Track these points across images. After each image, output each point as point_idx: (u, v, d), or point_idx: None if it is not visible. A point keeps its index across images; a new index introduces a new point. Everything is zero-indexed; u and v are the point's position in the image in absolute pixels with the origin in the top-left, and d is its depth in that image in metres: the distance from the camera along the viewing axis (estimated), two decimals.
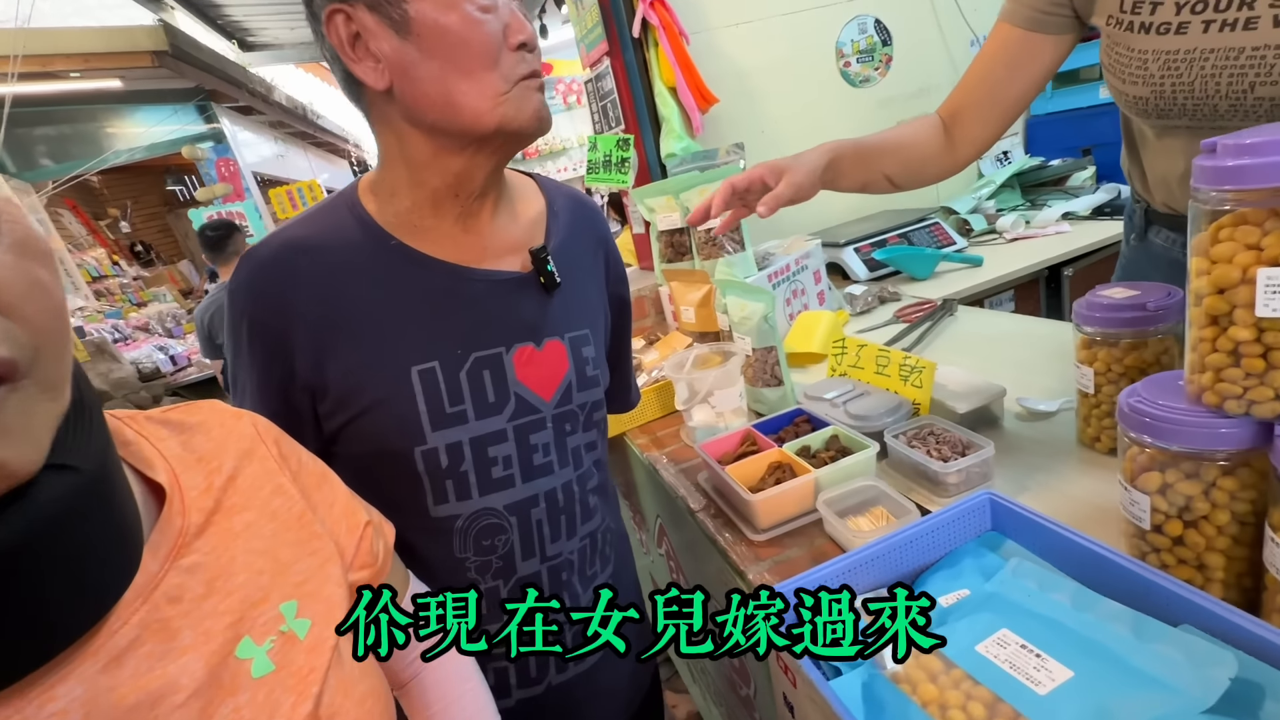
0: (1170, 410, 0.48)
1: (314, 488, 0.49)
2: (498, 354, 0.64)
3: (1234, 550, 0.48)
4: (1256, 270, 0.41)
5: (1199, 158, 0.43)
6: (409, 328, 0.61)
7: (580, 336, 0.70)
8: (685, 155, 1.45)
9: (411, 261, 0.62)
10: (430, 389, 0.61)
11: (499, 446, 0.64)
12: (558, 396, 0.68)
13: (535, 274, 0.66)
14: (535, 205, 0.72)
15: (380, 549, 0.52)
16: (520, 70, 0.57)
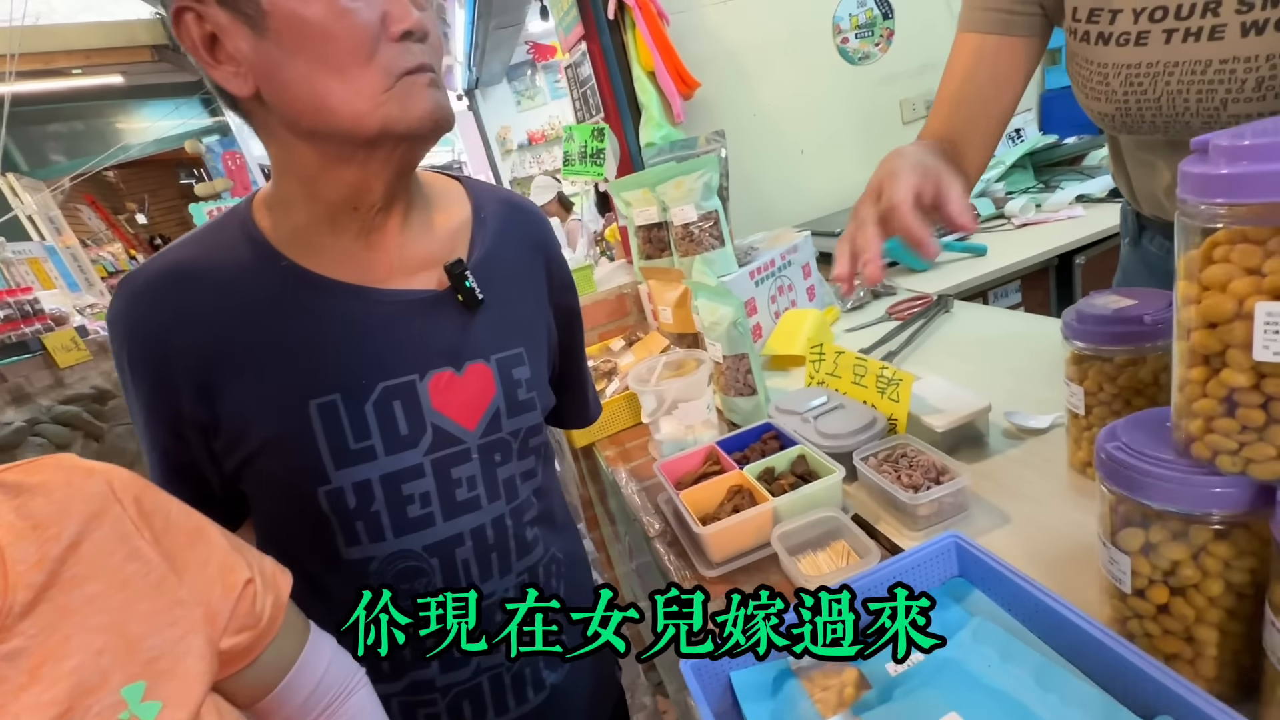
0: (1154, 461, 0.40)
1: (184, 547, 0.44)
2: (409, 382, 0.58)
3: (1229, 624, 0.41)
4: (1255, 303, 0.33)
5: (1185, 162, 0.35)
6: (305, 358, 0.56)
7: (511, 357, 0.64)
8: (664, 145, 1.37)
9: (306, 284, 0.56)
10: (331, 424, 0.56)
11: (415, 483, 0.59)
12: (483, 425, 0.62)
13: (453, 291, 0.60)
14: (458, 213, 0.66)
15: (266, 607, 0.47)
16: (404, 63, 0.50)
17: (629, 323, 1.51)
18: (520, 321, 0.67)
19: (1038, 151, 1.89)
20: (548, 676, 0.70)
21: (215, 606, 0.43)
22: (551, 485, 0.72)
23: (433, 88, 0.52)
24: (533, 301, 0.69)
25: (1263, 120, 0.35)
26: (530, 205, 0.74)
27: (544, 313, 0.71)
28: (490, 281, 0.63)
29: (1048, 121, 2.04)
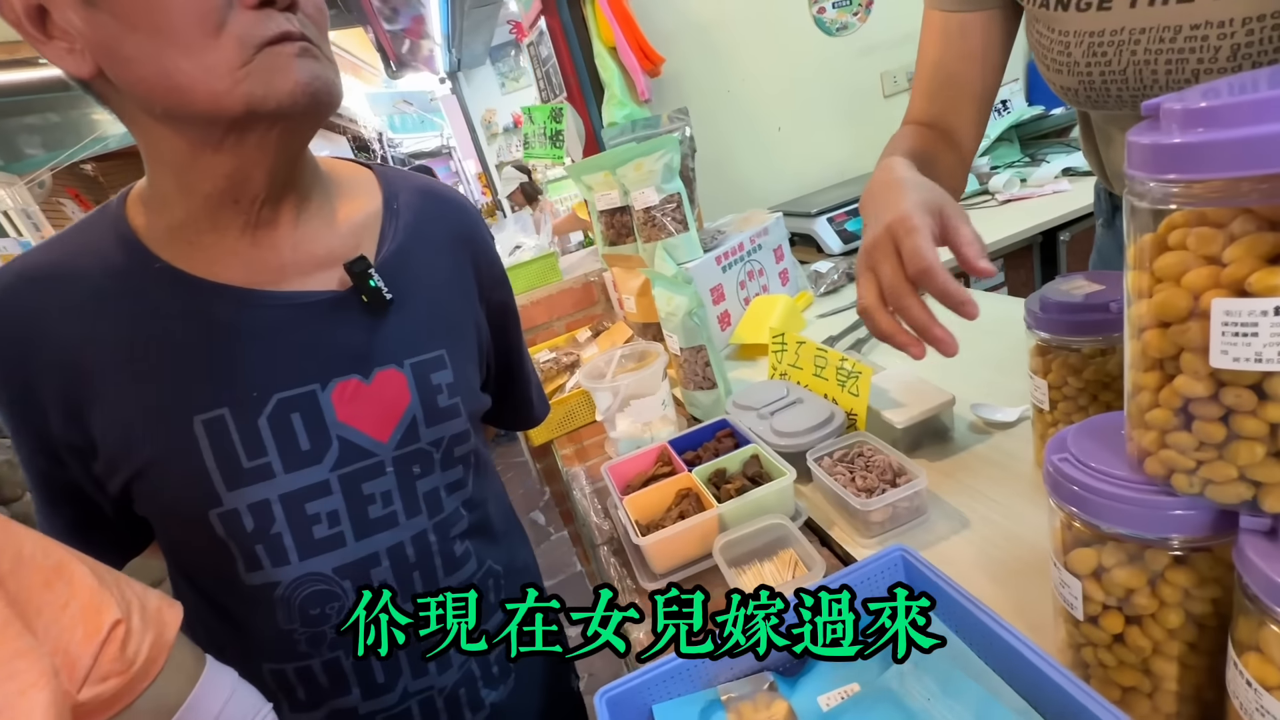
0: (1105, 478, 0.35)
1: (39, 587, 0.39)
2: (310, 393, 0.53)
3: (1190, 658, 0.36)
4: (1212, 299, 0.27)
5: (1134, 130, 0.30)
6: (186, 370, 0.50)
7: (429, 361, 0.59)
8: (626, 124, 1.30)
9: (183, 287, 0.50)
10: (220, 441, 0.51)
11: (321, 501, 0.54)
12: (398, 435, 0.57)
13: (356, 291, 0.55)
14: (366, 205, 0.60)
15: (143, 648, 0.42)
16: (261, 32, 0.43)
17: (596, 312, 1.46)
18: (441, 322, 0.61)
19: (1024, 124, 1.82)
20: (487, 695, 0.65)
21: (74, 653, 0.39)
22: (486, 495, 0.67)
23: (305, 58, 0.45)
24: (457, 299, 0.64)
25: (1225, 78, 0.29)
26: (454, 195, 0.68)
27: (472, 310, 0.66)
28: (403, 279, 0.58)
29: (1034, 92, 1.96)
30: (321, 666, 0.57)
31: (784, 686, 0.47)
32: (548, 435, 1.09)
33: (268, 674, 0.57)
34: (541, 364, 1.23)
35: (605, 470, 0.79)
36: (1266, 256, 0.26)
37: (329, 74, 0.47)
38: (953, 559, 0.58)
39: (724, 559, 0.60)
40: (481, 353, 0.67)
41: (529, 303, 1.41)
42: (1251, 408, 0.28)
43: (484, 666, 0.65)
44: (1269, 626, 0.29)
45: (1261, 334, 0.26)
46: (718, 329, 1.23)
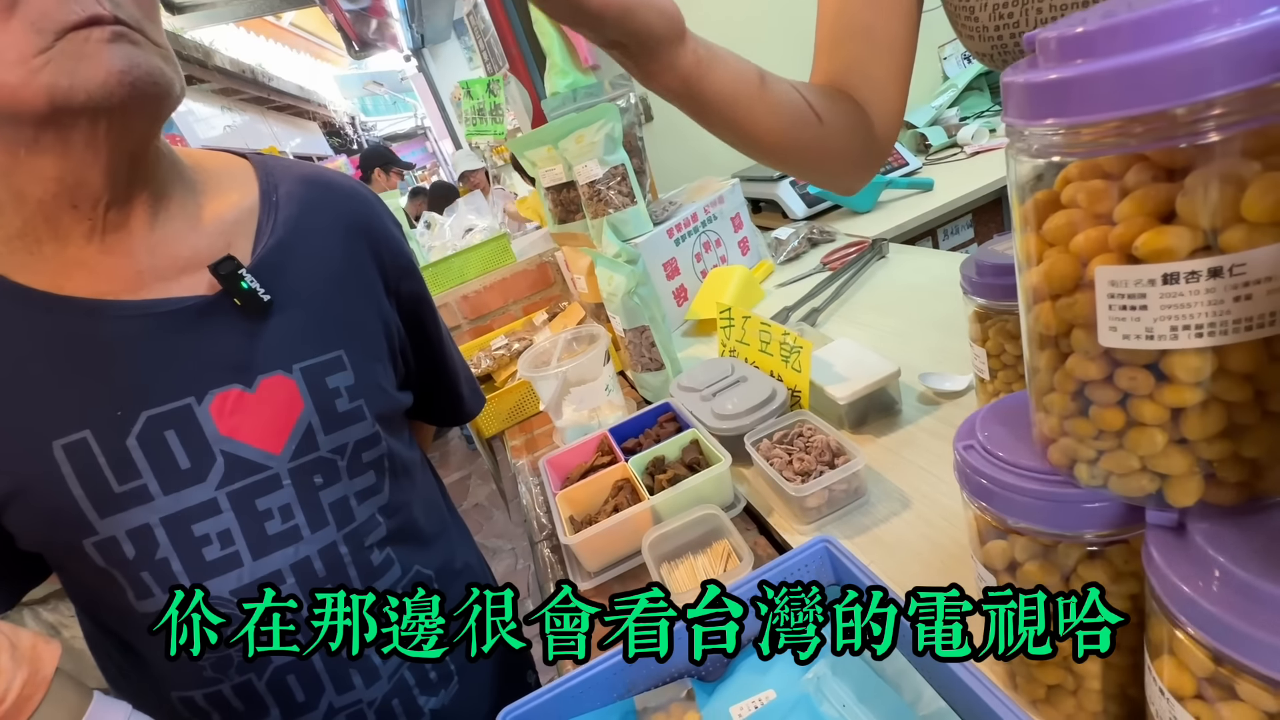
0: (1010, 468, 0.32)
1: None
2: (184, 407, 0.49)
3: (1113, 655, 0.33)
4: (1097, 266, 0.23)
5: (1006, 72, 0.25)
6: (38, 391, 0.46)
7: (324, 364, 0.55)
8: (568, 94, 1.23)
9: (24, 303, 0.46)
10: (85, 466, 0.47)
11: (209, 521, 0.50)
12: (292, 446, 0.53)
13: (227, 295, 0.50)
14: (238, 199, 0.55)
15: (14, 686, 0.40)
16: (63, 16, 0.38)
17: (554, 293, 1.41)
18: (336, 320, 0.57)
19: (993, 71, 1.74)
20: (425, 703, 0.63)
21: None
22: (408, 499, 0.63)
23: (119, 43, 0.40)
24: (357, 294, 0.59)
25: (1098, 4, 0.24)
26: (345, 181, 0.63)
27: (376, 305, 0.61)
28: (287, 277, 0.53)
29: None
30: (233, 690, 0.54)
31: (701, 694, 0.44)
32: (498, 426, 1.06)
33: (177, 702, 0.54)
34: (493, 351, 1.19)
35: (543, 464, 0.76)
36: (1159, 214, 0.22)
37: (153, 61, 0.42)
38: (891, 543, 0.55)
39: (652, 555, 0.57)
40: (393, 349, 0.63)
41: (483, 287, 1.36)
42: (1148, 391, 0.24)
43: (419, 673, 0.62)
44: (1178, 635, 0.25)
45: (1151, 307, 0.22)
46: (673, 305, 1.18)
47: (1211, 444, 0.23)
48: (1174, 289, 0.21)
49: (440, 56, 6.01)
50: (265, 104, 7.99)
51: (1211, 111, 0.20)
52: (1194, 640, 0.25)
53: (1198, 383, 0.22)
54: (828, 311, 1.02)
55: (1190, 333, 0.21)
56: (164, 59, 0.44)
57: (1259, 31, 0.19)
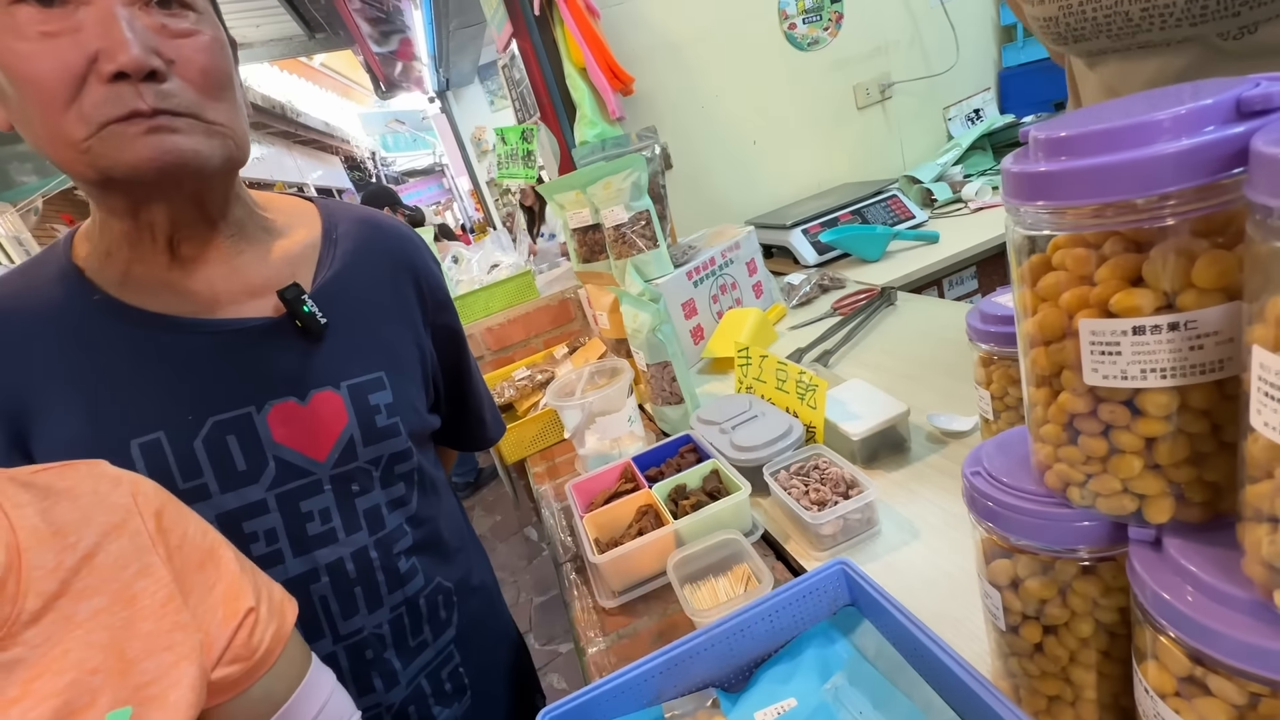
0: (1013, 492, 0.36)
1: (194, 567, 0.42)
2: (245, 415, 0.54)
3: (1106, 666, 0.37)
4: (1080, 319, 0.28)
5: (1007, 159, 0.31)
6: (123, 395, 0.52)
7: (367, 383, 0.60)
8: (597, 143, 1.32)
9: (119, 318, 0.52)
10: (156, 464, 0.52)
11: (258, 520, 0.55)
12: (335, 455, 0.58)
13: (290, 317, 0.56)
14: (304, 236, 0.62)
15: (265, 638, 0.44)
16: (108, 112, 0.43)
17: (574, 328, 1.47)
18: (380, 345, 0.63)
19: (996, 132, 1.84)
20: (439, 713, 0.65)
21: (214, 634, 0.41)
22: (434, 513, 0.67)
23: (157, 134, 0.45)
24: (398, 323, 0.65)
25: (1084, 109, 0.30)
26: (395, 224, 0.70)
27: (414, 334, 0.67)
28: (341, 304, 0.59)
29: (1006, 101, 1.99)
30: None
31: (726, 703, 0.48)
32: (521, 453, 1.10)
33: None
34: (516, 381, 1.24)
35: (569, 488, 0.80)
36: (1129, 278, 0.27)
37: (191, 145, 0.47)
38: (901, 569, 0.59)
39: (677, 576, 0.61)
40: (426, 374, 0.69)
41: (506, 320, 1.42)
42: (1126, 423, 0.28)
43: (435, 684, 0.65)
44: (1160, 638, 0.29)
45: (1124, 353, 0.27)
46: (690, 343, 1.24)
47: (1179, 469, 0.28)
48: (1142, 339, 0.26)
49: (463, 99, 6.27)
50: (292, 138, 8.29)
51: (1167, 202, 0.25)
52: (1173, 641, 0.29)
53: (1165, 416, 0.27)
54: (839, 354, 1.07)
55: (1157, 374, 0.26)
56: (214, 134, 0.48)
57: (1203, 144, 0.24)
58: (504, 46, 1.56)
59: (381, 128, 11.15)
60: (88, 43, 0.43)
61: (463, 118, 6.35)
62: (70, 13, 0.43)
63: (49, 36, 0.42)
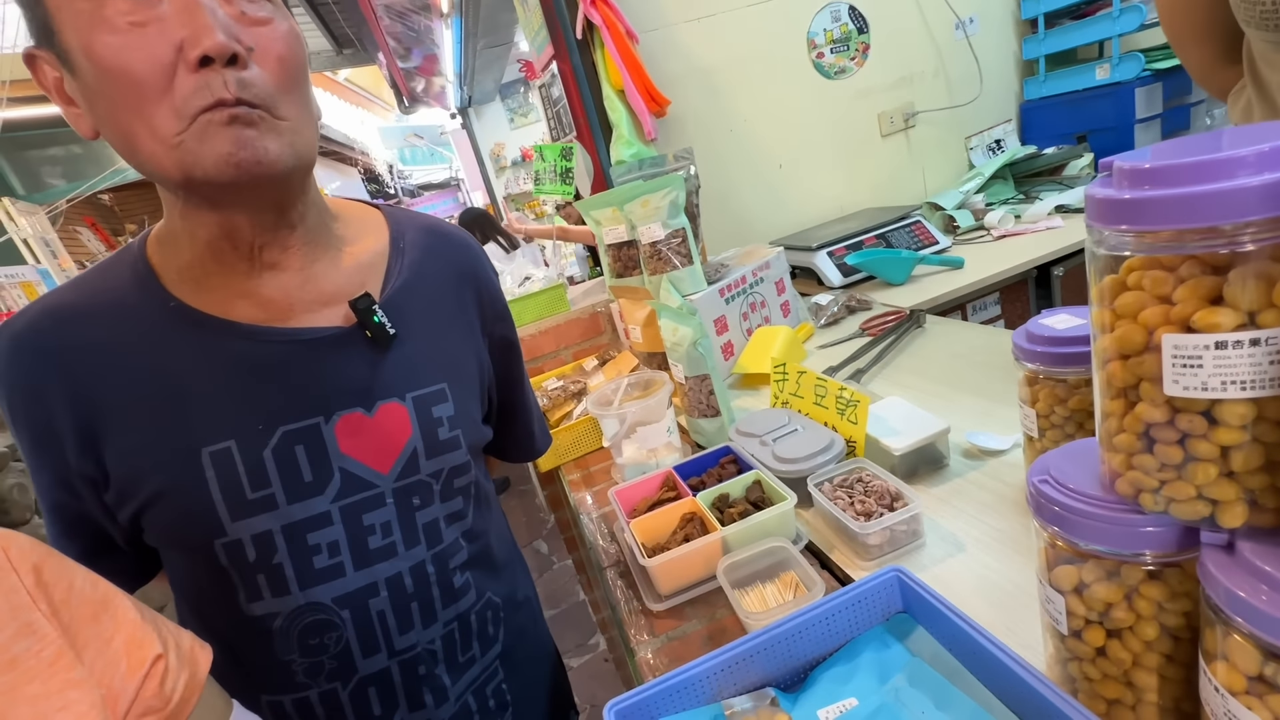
0: (1081, 498, 0.38)
1: (87, 620, 0.40)
2: (314, 425, 0.54)
3: (1168, 670, 0.38)
4: (1162, 334, 0.31)
5: (1091, 185, 0.33)
6: (196, 403, 0.51)
7: (431, 394, 0.60)
8: (633, 162, 1.36)
9: (194, 325, 0.52)
10: (226, 473, 0.51)
11: (322, 532, 0.54)
12: (399, 468, 0.57)
13: (360, 327, 0.56)
14: (373, 244, 0.61)
15: (178, 686, 0.43)
16: (198, 101, 0.43)
17: (603, 341, 1.49)
18: (443, 356, 0.62)
19: (1017, 162, 1.88)
20: None
21: (117, 687, 0.39)
22: (487, 527, 0.67)
23: (236, 125, 0.45)
24: (460, 333, 0.65)
25: (1174, 140, 0.33)
26: (458, 233, 0.70)
27: (474, 345, 0.67)
28: (408, 314, 0.59)
29: (1027, 132, 2.03)
30: (319, 698, 0.57)
31: (785, 702, 0.49)
32: (555, 461, 1.12)
33: (265, 705, 0.57)
34: (549, 391, 1.26)
35: (612, 495, 0.82)
36: (1208, 297, 0.30)
37: (264, 142, 0.46)
38: (948, 581, 0.60)
39: (727, 580, 0.63)
40: (483, 386, 0.68)
41: (538, 332, 1.45)
42: (1203, 432, 0.31)
43: (480, 701, 0.65)
44: (1232, 636, 0.31)
45: (1205, 366, 0.29)
46: (721, 359, 1.26)
47: (1253, 476, 0.30)
48: (1224, 353, 0.29)
49: (484, 116, 6.40)
50: None
51: (1248, 229, 0.28)
52: (1246, 638, 0.30)
53: (1243, 426, 0.29)
54: (871, 373, 1.09)
55: (1237, 386, 0.29)
56: (284, 132, 0.48)
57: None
58: (544, 66, 1.61)
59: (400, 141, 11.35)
60: (173, 31, 0.43)
61: (483, 134, 6.47)
62: (155, 2, 0.43)
63: (137, 27, 0.42)
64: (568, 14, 1.42)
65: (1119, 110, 1.73)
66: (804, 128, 1.86)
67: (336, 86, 8.07)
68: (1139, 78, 1.69)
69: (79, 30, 0.43)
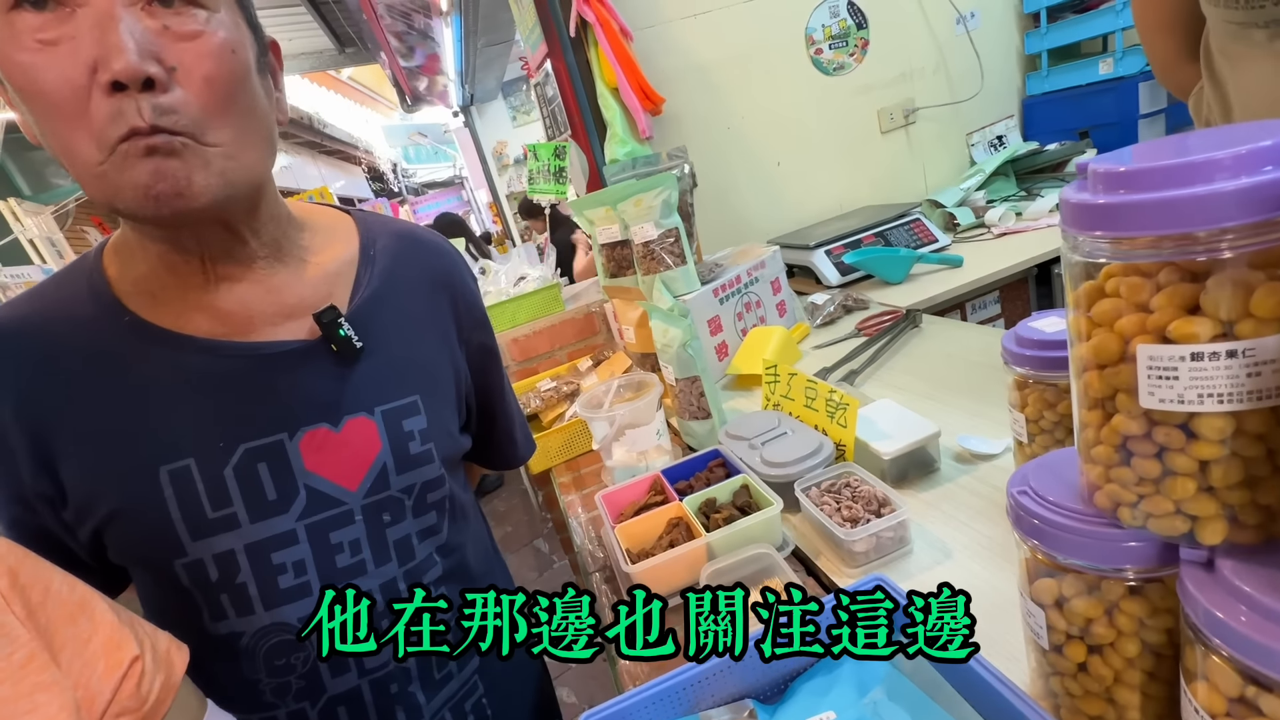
0: (1060, 511, 0.37)
1: (63, 621, 0.40)
2: (277, 442, 0.52)
3: (1150, 687, 0.37)
4: (1138, 344, 0.29)
5: (1066, 189, 0.32)
6: (153, 420, 0.50)
7: (401, 408, 0.58)
8: (627, 161, 1.34)
9: (149, 339, 0.50)
10: (185, 492, 0.50)
11: (287, 551, 0.53)
12: (368, 484, 0.56)
13: (325, 340, 0.54)
14: (342, 252, 0.59)
15: (154, 687, 0.43)
16: (114, 131, 0.40)
17: (598, 341, 1.48)
18: (415, 367, 0.60)
19: (1019, 159, 1.86)
20: None
21: (94, 688, 0.40)
22: (463, 540, 0.65)
23: (153, 157, 0.41)
24: (434, 342, 0.63)
25: (1152, 141, 0.32)
26: (433, 239, 0.67)
27: (450, 353, 0.65)
28: (378, 325, 0.57)
29: (1029, 128, 2.01)
30: (287, 717, 0.56)
31: (763, 714, 0.48)
32: (546, 464, 1.11)
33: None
34: (543, 392, 1.26)
35: (599, 498, 0.81)
36: (1186, 306, 0.28)
37: (185, 173, 0.43)
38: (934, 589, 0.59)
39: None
40: (460, 395, 0.66)
41: (532, 332, 1.45)
42: (1181, 445, 0.30)
43: (458, 716, 0.63)
44: (1212, 657, 0.30)
45: (1182, 377, 0.28)
46: (715, 360, 1.25)
47: (1233, 491, 0.29)
48: (1200, 364, 0.27)
49: (486, 114, 6.39)
50: (317, 148, 8.48)
51: (1225, 236, 0.26)
52: (1226, 661, 0.29)
53: (1221, 440, 0.28)
54: (865, 374, 1.08)
55: (1214, 399, 0.28)
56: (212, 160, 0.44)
57: (1261, 183, 0.26)
58: (538, 65, 1.60)
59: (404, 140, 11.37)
60: (85, 50, 0.39)
61: (485, 132, 6.46)
62: (67, 17, 0.39)
63: (48, 45, 0.39)
64: (561, 12, 1.41)
65: (1122, 105, 1.70)
66: (802, 125, 1.84)
67: (340, 85, 8.07)
68: (1143, 72, 1.66)
69: (6, 40, 0.40)
